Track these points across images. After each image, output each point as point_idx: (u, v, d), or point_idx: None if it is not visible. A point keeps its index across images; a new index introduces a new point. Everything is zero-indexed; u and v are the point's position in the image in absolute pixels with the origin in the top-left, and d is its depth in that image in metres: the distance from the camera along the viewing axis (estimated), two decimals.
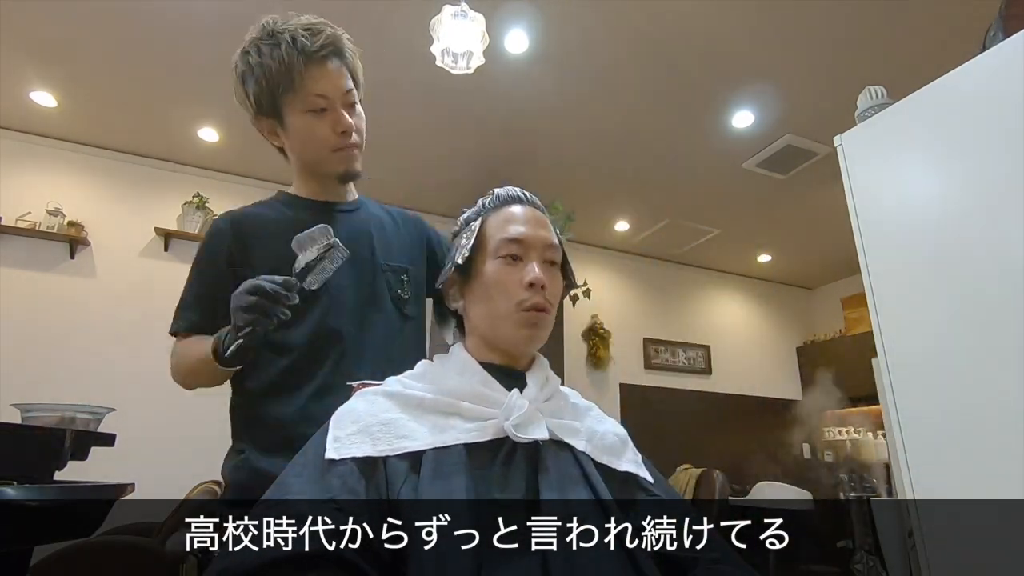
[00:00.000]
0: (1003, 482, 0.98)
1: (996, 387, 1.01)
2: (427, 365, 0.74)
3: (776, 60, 2.68)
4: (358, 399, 0.67)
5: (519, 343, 0.70)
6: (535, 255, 0.71)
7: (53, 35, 2.53)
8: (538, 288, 0.69)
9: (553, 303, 0.72)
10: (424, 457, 0.59)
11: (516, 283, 0.69)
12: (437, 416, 0.63)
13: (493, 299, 0.70)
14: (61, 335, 3.07)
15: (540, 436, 0.62)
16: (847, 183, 1.35)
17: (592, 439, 0.68)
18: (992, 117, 1.09)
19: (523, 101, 2.99)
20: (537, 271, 0.69)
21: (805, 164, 3.48)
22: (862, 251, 1.28)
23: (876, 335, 1.22)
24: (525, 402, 0.64)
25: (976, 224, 1.08)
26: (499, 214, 0.75)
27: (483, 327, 0.72)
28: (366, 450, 0.58)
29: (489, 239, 0.73)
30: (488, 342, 0.72)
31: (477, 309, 0.73)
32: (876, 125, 1.32)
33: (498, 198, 0.77)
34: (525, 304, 0.68)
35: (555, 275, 0.74)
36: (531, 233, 0.72)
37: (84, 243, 3.21)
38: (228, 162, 3.59)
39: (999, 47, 1.10)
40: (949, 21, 2.37)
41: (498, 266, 0.71)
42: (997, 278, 1.03)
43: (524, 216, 0.74)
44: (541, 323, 0.70)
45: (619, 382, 4.51)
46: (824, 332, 5.32)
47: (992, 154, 1.08)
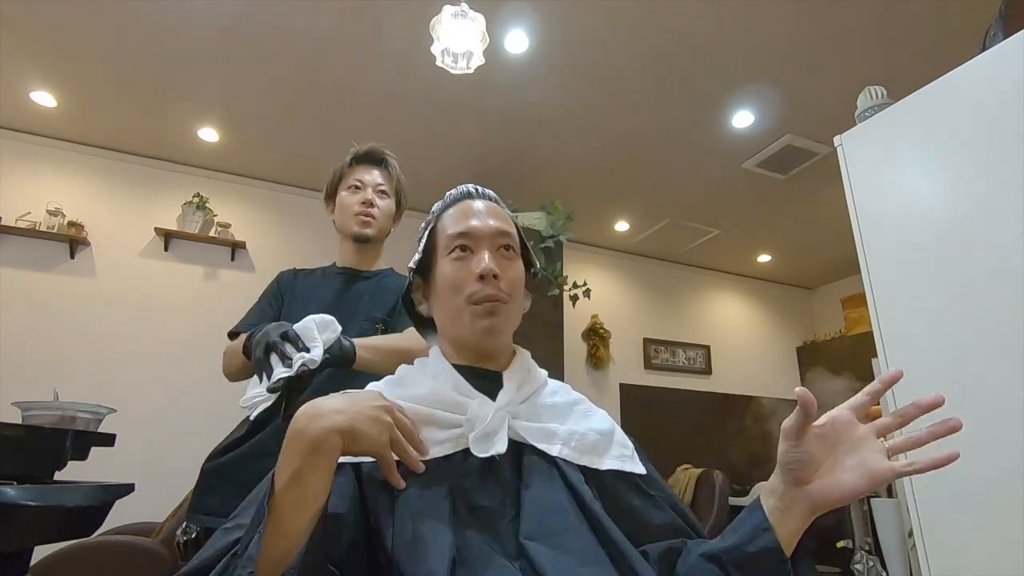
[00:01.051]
0: (1002, 481, 0.98)
1: (995, 386, 1.01)
2: (406, 369, 0.73)
3: (776, 60, 2.68)
4: (335, 398, 0.66)
5: (478, 337, 0.68)
6: (485, 244, 0.70)
7: (53, 35, 2.54)
8: (489, 278, 0.67)
9: (511, 291, 0.69)
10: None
11: (468, 277, 0.68)
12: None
13: (448, 295, 0.69)
14: (61, 335, 3.07)
15: (498, 451, 0.60)
16: (847, 183, 1.35)
17: (570, 441, 0.65)
18: (992, 117, 1.09)
19: (523, 101, 2.99)
20: (486, 261, 0.67)
21: (805, 164, 3.48)
22: (862, 251, 1.28)
23: (876, 335, 1.22)
24: (489, 411, 0.62)
25: (976, 224, 1.08)
26: (449, 213, 0.75)
27: (447, 328, 0.72)
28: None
29: (440, 238, 0.73)
30: (455, 342, 0.71)
31: (439, 311, 0.73)
32: (876, 125, 1.32)
33: (449, 197, 0.77)
34: (476, 296, 0.67)
35: (511, 262, 0.72)
36: (478, 224, 0.71)
37: (84, 243, 3.21)
38: (228, 162, 3.59)
39: (999, 47, 1.10)
40: (949, 21, 2.37)
41: (449, 263, 0.70)
42: (996, 278, 1.03)
43: (473, 209, 0.73)
44: (498, 312, 0.67)
45: (619, 382, 4.51)
46: (824, 332, 5.32)
47: (992, 154, 1.07)
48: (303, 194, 3.88)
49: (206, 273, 3.49)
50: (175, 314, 3.33)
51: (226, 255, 3.54)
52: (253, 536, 0.45)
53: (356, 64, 2.69)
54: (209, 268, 3.50)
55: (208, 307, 3.40)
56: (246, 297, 1.49)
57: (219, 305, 3.41)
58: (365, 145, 1.38)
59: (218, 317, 3.41)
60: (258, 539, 0.44)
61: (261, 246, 3.66)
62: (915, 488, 1.11)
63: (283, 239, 3.74)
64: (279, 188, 3.83)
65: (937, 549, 1.06)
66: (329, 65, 2.70)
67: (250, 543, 0.45)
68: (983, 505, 1.00)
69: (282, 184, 3.83)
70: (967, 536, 1.02)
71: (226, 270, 3.54)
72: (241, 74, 2.77)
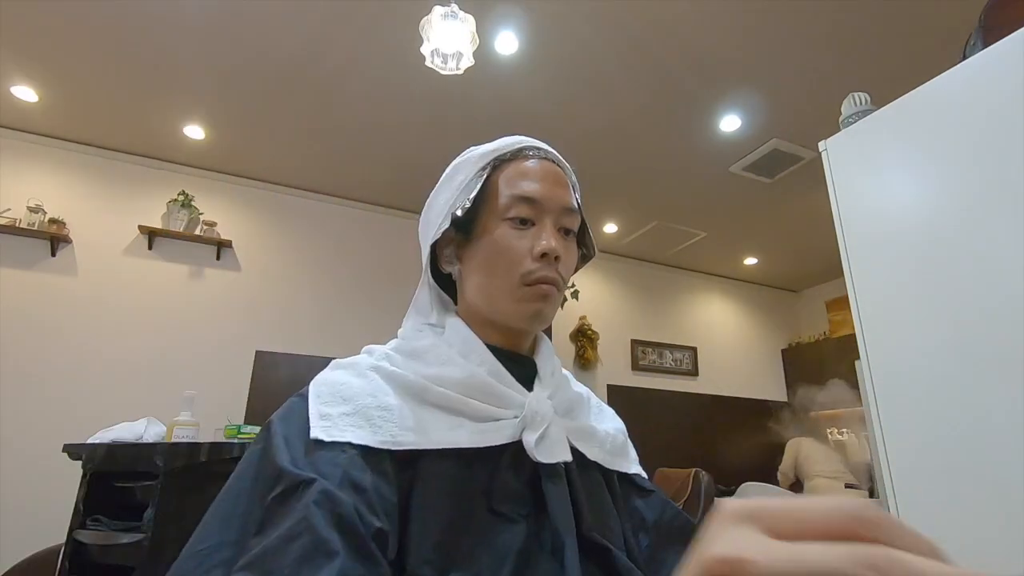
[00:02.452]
0: (984, 483, 1.00)
1: (977, 389, 1.03)
2: (422, 339, 0.60)
3: (763, 65, 2.71)
4: (346, 371, 0.54)
5: (521, 322, 0.59)
6: (550, 220, 0.59)
7: (34, 27, 2.49)
8: (551, 259, 0.57)
9: (565, 277, 0.60)
10: (422, 461, 0.49)
11: (525, 251, 0.57)
12: (441, 412, 0.53)
13: (496, 268, 0.58)
14: (41, 333, 3.01)
15: (564, 458, 0.54)
16: (831, 187, 1.37)
17: (605, 443, 0.61)
18: (972, 124, 1.11)
19: (512, 103, 3.00)
20: (551, 239, 0.57)
21: (791, 168, 3.52)
22: (845, 255, 1.30)
23: (859, 338, 1.24)
24: (548, 409, 0.55)
25: (957, 228, 1.11)
26: (512, 165, 0.61)
27: (479, 300, 0.60)
28: (364, 437, 0.47)
29: (498, 194, 0.60)
30: (487, 319, 0.60)
31: (475, 278, 0.60)
32: (860, 131, 1.34)
33: (508, 145, 0.63)
34: (531, 277, 0.57)
35: (570, 245, 0.62)
36: (548, 193, 0.59)
37: (66, 240, 3.16)
38: (214, 160, 3.55)
39: (979, 56, 1.12)
40: (931, 30, 2.42)
41: (505, 229, 0.58)
42: (978, 282, 1.05)
43: (541, 171, 0.61)
44: (550, 298, 0.58)
45: (606, 383, 4.53)
46: (809, 334, 5.39)
47: (972, 160, 1.10)
48: (290, 193, 3.85)
49: (191, 272, 3.45)
50: (159, 313, 3.29)
51: (211, 254, 3.50)
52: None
53: (345, 63, 2.68)
54: (194, 267, 3.46)
55: (193, 307, 3.36)
56: (232, 296, 1.47)
57: (204, 305, 3.37)
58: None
59: (203, 317, 3.39)
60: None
61: (247, 245, 3.62)
62: (895, 487, 1.13)
63: (269, 238, 3.71)
64: (266, 187, 3.79)
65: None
66: (318, 64, 2.68)
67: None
68: (964, 505, 1.02)
69: (269, 183, 3.80)
70: (947, 536, 1.04)
71: (212, 269, 3.50)
72: (228, 71, 2.74)
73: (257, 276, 3.58)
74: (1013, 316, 0.97)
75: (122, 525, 1.49)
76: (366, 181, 3.82)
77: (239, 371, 3.36)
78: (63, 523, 1.54)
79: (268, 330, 3.51)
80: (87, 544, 1.48)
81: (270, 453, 0.46)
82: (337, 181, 3.82)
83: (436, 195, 0.64)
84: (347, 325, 3.73)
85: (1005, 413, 0.97)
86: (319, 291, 3.75)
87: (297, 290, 3.68)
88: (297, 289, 3.68)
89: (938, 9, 2.32)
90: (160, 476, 1.45)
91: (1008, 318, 0.98)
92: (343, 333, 3.68)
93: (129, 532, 1.45)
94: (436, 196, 0.64)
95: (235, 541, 0.43)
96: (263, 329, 3.49)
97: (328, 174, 3.73)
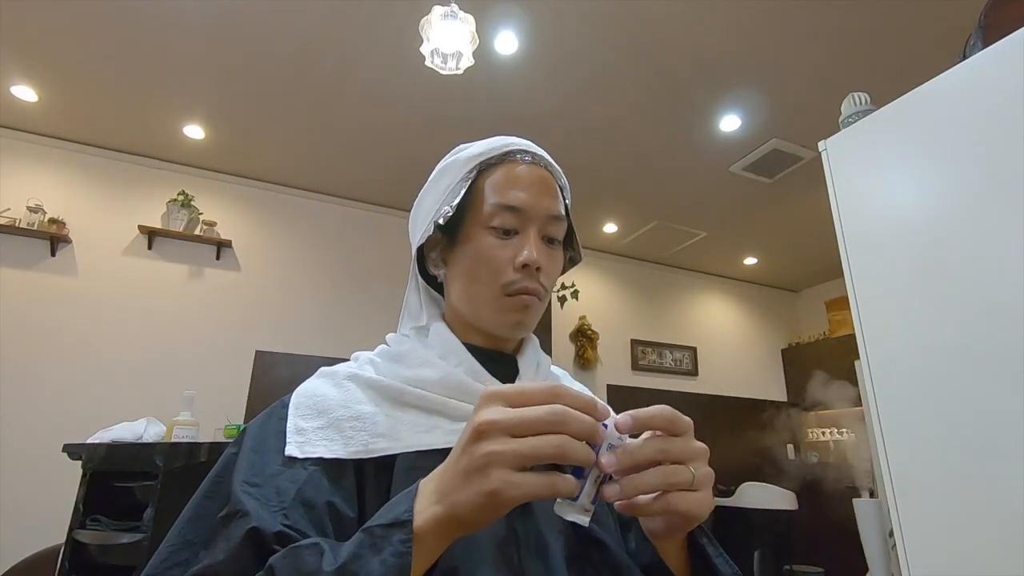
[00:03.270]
0: (984, 483, 1.00)
1: (977, 389, 1.03)
2: (404, 343, 0.62)
3: (763, 66, 2.71)
4: (325, 381, 0.57)
5: (502, 330, 0.59)
6: (534, 229, 0.59)
7: (34, 27, 2.49)
8: (532, 271, 0.57)
9: (548, 286, 0.60)
10: (398, 461, 0.50)
11: (507, 261, 0.57)
12: (418, 413, 0.54)
13: (477, 276, 0.59)
14: (41, 333, 3.01)
15: None
16: (831, 187, 1.37)
17: None
18: (972, 124, 1.11)
19: (512, 103, 3.00)
20: (533, 251, 0.57)
21: (791, 168, 3.52)
22: (845, 255, 1.30)
23: (859, 338, 1.24)
24: None
25: (957, 228, 1.11)
26: (499, 170, 0.61)
27: (462, 306, 0.61)
28: (336, 450, 0.49)
29: (483, 201, 0.59)
30: (470, 324, 0.61)
31: (458, 284, 0.61)
32: (859, 131, 1.34)
33: (495, 148, 0.62)
34: (512, 287, 0.57)
35: (554, 253, 0.62)
36: (533, 202, 0.59)
37: (65, 240, 3.16)
38: (214, 160, 3.55)
39: (978, 56, 1.12)
40: (931, 30, 2.42)
41: (488, 238, 0.58)
42: (978, 282, 1.05)
43: (528, 178, 0.60)
44: (532, 308, 0.59)
45: (606, 383, 4.53)
46: (809, 334, 5.39)
47: (972, 160, 1.10)
48: (290, 193, 3.85)
49: (191, 272, 3.45)
50: (159, 314, 3.29)
51: (211, 254, 3.50)
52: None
53: (345, 63, 2.68)
54: (194, 267, 3.46)
55: (193, 307, 3.36)
56: (231, 296, 1.46)
57: (204, 305, 3.37)
58: None
59: (203, 317, 3.39)
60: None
61: (247, 245, 3.62)
62: (895, 488, 1.13)
63: (269, 238, 3.71)
64: (266, 187, 3.79)
65: (917, 549, 1.08)
66: (317, 63, 2.68)
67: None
68: (963, 505, 1.02)
69: (269, 183, 3.80)
70: (947, 536, 1.04)
71: (211, 269, 3.50)
72: (228, 71, 2.74)
73: (257, 276, 3.58)
74: (1013, 316, 0.97)
75: (122, 525, 1.49)
76: (366, 181, 3.82)
77: (239, 371, 3.36)
78: (63, 523, 1.54)
79: (268, 330, 3.51)
80: (87, 544, 1.48)
81: (232, 465, 0.50)
82: (337, 181, 3.82)
83: (422, 198, 0.65)
84: (347, 325, 3.73)
85: (1005, 413, 0.97)
86: (319, 291, 3.75)
87: (297, 290, 3.68)
88: (297, 289, 3.68)
89: (938, 9, 2.32)
90: (160, 476, 1.45)
91: (1008, 318, 0.98)
92: (343, 333, 3.68)
93: (129, 532, 1.45)
94: (422, 199, 0.65)
95: (197, 543, 0.47)
96: (263, 329, 3.50)
97: (328, 174, 3.73)
